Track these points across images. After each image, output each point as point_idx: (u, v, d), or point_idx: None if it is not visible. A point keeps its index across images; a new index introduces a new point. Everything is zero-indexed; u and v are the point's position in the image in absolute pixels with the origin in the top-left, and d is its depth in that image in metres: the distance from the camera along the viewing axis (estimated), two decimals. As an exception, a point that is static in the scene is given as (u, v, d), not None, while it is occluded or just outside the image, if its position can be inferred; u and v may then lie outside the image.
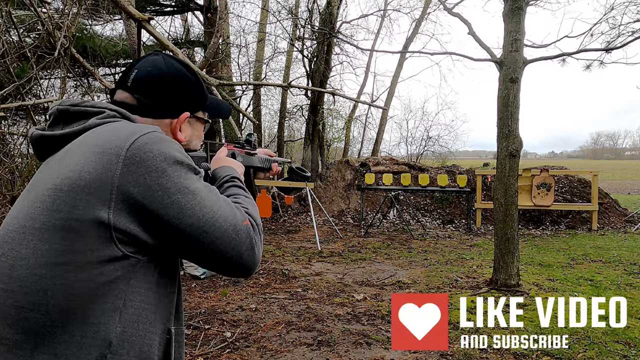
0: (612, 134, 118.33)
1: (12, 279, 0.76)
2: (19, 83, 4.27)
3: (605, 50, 5.21)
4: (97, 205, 0.76)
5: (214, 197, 0.87)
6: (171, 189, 0.80)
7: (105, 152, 0.79)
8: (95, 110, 0.90)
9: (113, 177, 0.77)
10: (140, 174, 0.78)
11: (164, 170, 0.80)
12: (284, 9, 13.59)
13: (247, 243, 0.88)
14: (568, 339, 3.50)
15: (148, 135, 0.82)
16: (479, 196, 9.71)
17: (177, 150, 0.85)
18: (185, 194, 0.81)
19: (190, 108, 1.03)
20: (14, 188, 4.72)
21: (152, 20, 2.42)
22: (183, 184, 0.82)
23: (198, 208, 0.82)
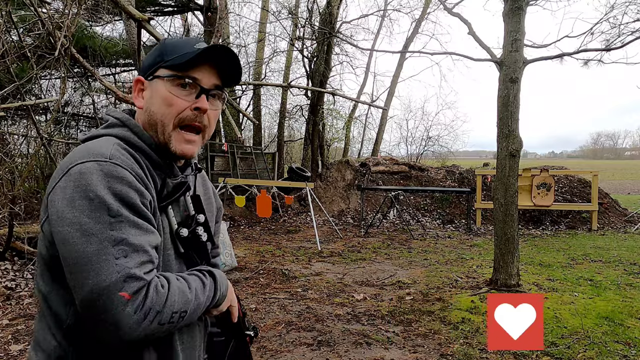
0: (612, 134, 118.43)
1: None
2: (19, 83, 4.27)
3: (605, 50, 5.21)
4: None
5: (102, 246, 0.78)
6: (65, 220, 0.80)
7: (59, 168, 0.86)
8: (107, 119, 0.99)
9: (50, 189, 0.85)
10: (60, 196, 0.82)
11: (72, 201, 0.80)
12: (284, 9, 13.60)
13: (105, 312, 0.76)
14: (568, 339, 3.50)
15: (83, 165, 0.82)
16: (479, 196, 9.71)
17: (102, 185, 0.81)
18: (66, 233, 0.79)
19: (145, 70, 1.01)
20: (14, 188, 4.72)
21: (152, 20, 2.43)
22: (77, 221, 0.79)
23: (73, 246, 0.78)
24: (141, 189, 0.87)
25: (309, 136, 13.38)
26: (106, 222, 0.79)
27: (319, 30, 12.13)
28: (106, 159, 0.83)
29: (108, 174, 0.82)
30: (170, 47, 0.98)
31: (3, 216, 5.02)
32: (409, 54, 15.92)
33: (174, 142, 0.97)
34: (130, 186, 0.84)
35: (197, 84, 0.96)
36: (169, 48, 0.98)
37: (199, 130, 0.99)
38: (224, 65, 0.99)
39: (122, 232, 0.80)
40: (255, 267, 5.93)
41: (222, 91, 1.02)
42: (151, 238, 0.85)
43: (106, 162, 0.83)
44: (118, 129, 0.96)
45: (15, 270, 5.15)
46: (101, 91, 10.21)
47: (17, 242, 5.39)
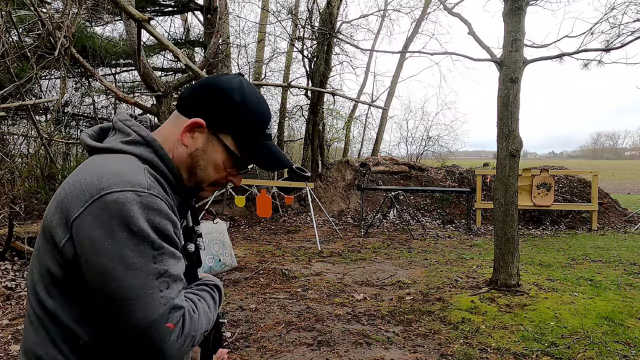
0: (612, 134, 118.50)
1: None
2: (19, 83, 4.27)
3: (605, 50, 5.21)
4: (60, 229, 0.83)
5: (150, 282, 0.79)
6: (106, 252, 0.78)
7: (83, 188, 0.81)
8: (126, 130, 0.93)
9: (76, 212, 0.80)
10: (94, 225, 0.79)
11: (113, 233, 0.78)
12: (284, 9, 13.60)
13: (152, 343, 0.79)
14: (568, 339, 3.50)
15: (122, 194, 0.79)
16: (479, 196, 9.70)
17: (143, 218, 0.79)
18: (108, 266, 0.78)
19: (212, 121, 0.93)
20: (14, 188, 4.72)
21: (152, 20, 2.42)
22: (120, 254, 0.78)
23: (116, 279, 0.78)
24: (174, 219, 0.87)
25: (309, 136, 13.38)
26: (150, 256, 0.79)
27: (319, 30, 12.13)
28: (144, 189, 0.81)
29: (147, 206, 0.81)
30: (249, 116, 0.95)
31: (3, 216, 5.02)
32: (409, 54, 15.92)
33: (198, 192, 1.01)
34: (167, 218, 0.84)
35: (246, 168, 1.01)
36: (247, 118, 0.95)
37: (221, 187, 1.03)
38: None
39: (164, 264, 0.81)
40: (255, 267, 5.93)
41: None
42: (183, 265, 0.88)
43: (145, 194, 0.81)
44: (142, 149, 0.91)
45: (15, 270, 5.15)
46: (101, 91, 10.20)
47: (17, 242, 5.39)
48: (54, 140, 7.29)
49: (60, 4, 6.07)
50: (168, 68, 11.19)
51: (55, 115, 7.88)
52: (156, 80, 5.84)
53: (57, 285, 0.84)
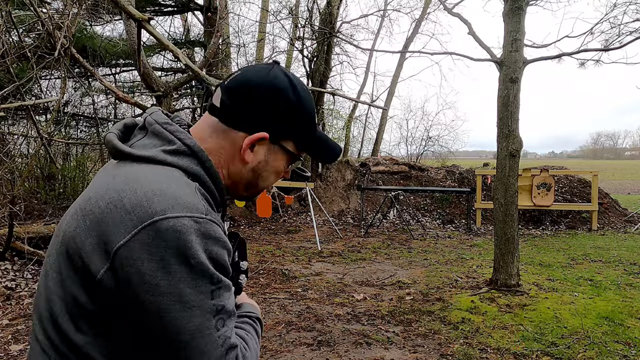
0: (612, 134, 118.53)
1: None
2: (19, 83, 4.27)
3: (605, 50, 5.21)
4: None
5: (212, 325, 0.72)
6: (159, 287, 0.68)
7: (128, 210, 0.69)
8: (169, 139, 0.80)
9: (120, 238, 0.68)
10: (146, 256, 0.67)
11: (168, 266, 0.67)
12: (284, 9, 13.61)
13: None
14: (568, 339, 3.50)
15: (178, 221, 0.68)
16: (479, 196, 9.71)
17: (201, 249, 0.70)
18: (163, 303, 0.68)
19: (274, 130, 0.85)
20: (14, 188, 4.72)
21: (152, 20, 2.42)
22: (178, 292, 0.68)
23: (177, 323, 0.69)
24: (229, 246, 0.77)
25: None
26: (208, 292, 0.71)
27: (319, 30, 12.13)
28: (202, 214, 0.71)
29: (206, 235, 0.71)
30: (304, 114, 0.87)
31: (3, 216, 5.02)
32: (409, 54, 15.93)
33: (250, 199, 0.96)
34: (224, 246, 0.74)
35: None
36: (304, 117, 0.88)
37: None
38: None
39: (221, 300, 0.73)
40: (255, 267, 5.93)
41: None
42: (234, 297, 0.81)
43: (203, 220, 0.71)
44: (188, 161, 0.79)
45: (15, 270, 5.15)
46: (101, 91, 10.20)
47: (17, 242, 5.39)
48: (54, 140, 7.29)
49: (60, 4, 6.07)
50: (168, 68, 11.19)
51: (55, 115, 7.88)
52: (156, 80, 5.84)
53: (89, 318, 0.71)
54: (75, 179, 10.49)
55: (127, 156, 0.78)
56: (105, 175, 0.77)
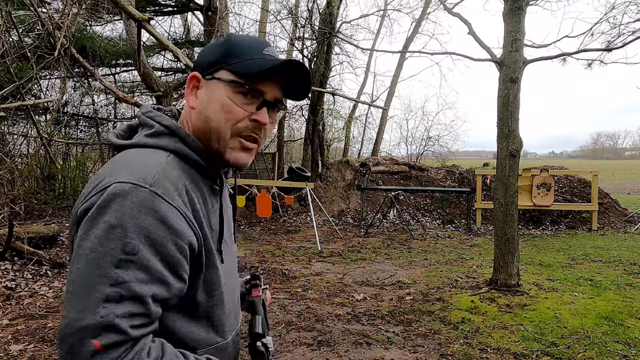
0: (612, 134, 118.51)
1: None
2: (19, 83, 4.27)
3: (606, 50, 5.21)
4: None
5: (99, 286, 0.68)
6: (83, 241, 0.71)
7: (94, 179, 0.79)
8: (149, 123, 0.88)
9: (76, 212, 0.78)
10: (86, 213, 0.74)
11: (95, 223, 0.71)
12: (284, 9, 13.61)
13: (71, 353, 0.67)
14: (568, 339, 3.50)
15: (120, 185, 0.73)
16: (479, 196, 9.70)
17: (130, 214, 0.71)
18: (78, 254, 0.71)
19: (203, 68, 0.89)
20: (14, 188, 4.73)
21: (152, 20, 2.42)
22: (90, 246, 0.70)
23: (83, 266, 0.70)
24: (181, 227, 0.76)
25: (309, 136, 13.38)
26: (115, 258, 0.69)
27: (319, 30, 12.13)
28: (147, 184, 0.74)
29: (142, 204, 0.72)
30: (237, 47, 0.88)
31: (3, 216, 5.02)
32: (409, 53, 15.92)
33: (229, 151, 0.88)
34: (164, 222, 0.74)
35: (261, 96, 0.88)
36: (235, 48, 0.88)
37: (254, 140, 0.91)
38: (292, 80, 0.91)
39: (128, 275, 0.69)
40: (255, 267, 5.93)
41: (282, 103, 0.93)
42: (159, 289, 0.73)
43: (144, 189, 0.73)
44: (167, 139, 0.85)
45: (15, 270, 5.15)
46: (101, 91, 10.21)
47: (17, 242, 5.39)
48: (54, 140, 7.29)
49: (60, 4, 6.07)
50: (168, 68, 11.19)
51: (55, 115, 7.87)
52: (156, 80, 5.84)
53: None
54: (75, 179, 10.49)
55: (120, 148, 0.86)
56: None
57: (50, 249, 6.11)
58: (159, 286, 0.73)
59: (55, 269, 5.42)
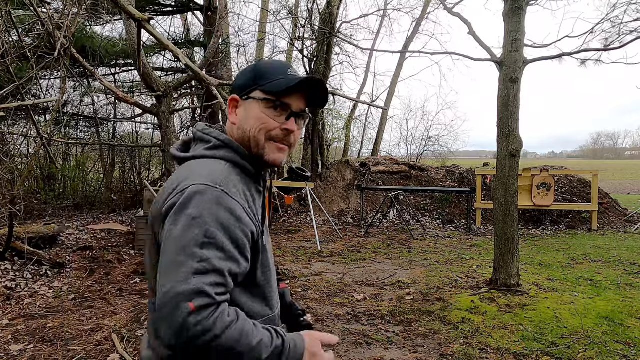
0: (612, 134, 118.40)
1: None
2: (19, 83, 4.27)
3: (605, 50, 5.21)
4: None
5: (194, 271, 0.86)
6: (172, 230, 0.91)
7: (174, 184, 0.99)
8: (206, 139, 1.09)
9: (161, 209, 0.98)
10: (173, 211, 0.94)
11: (181, 215, 0.91)
12: (284, 9, 13.60)
13: (170, 314, 0.84)
14: (568, 339, 3.50)
15: (190, 188, 0.94)
16: (479, 196, 9.70)
17: (206, 202, 0.92)
18: (170, 239, 0.90)
19: (240, 91, 1.11)
20: (14, 188, 4.72)
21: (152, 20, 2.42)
22: (179, 233, 0.90)
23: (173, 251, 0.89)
24: (245, 218, 0.96)
25: (309, 136, 13.38)
26: (199, 241, 0.88)
27: (319, 30, 12.13)
28: (216, 184, 0.94)
29: (216, 200, 0.92)
30: (264, 71, 1.09)
31: (3, 216, 5.02)
32: (409, 53, 15.92)
33: (268, 152, 1.07)
34: (233, 214, 0.93)
35: (289, 108, 1.08)
36: (263, 72, 1.09)
37: (287, 143, 1.12)
38: (314, 93, 1.12)
39: (209, 253, 0.88)
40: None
41: (306, 112, 1.14)
42: (233, 266, 0.92)
43: (215, 189, 0.93)
44: (223, 151, 1.06)
45: (15, 270, 5.15)
46: (101, 91, 10.20)
47: (17, 242, 5.39)
48: (54, 140, 7.29)
49: (60, 4, 6.07)
50: (168, 68, 11.18)
51: (55, 115, 7.87)
52: (156, 80, 5.84)
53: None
54: (75, 179, 10.49)
55: (183, 160, 1.09)
56: (172, 179, 1.04)
57: (50, 249, 6.11)
58: (232, 263, 0.92)
59: (55, 269, 5.42)
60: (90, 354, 3.25)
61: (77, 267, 5.67)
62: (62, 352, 3.28)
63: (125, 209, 9.72)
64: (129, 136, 11.87)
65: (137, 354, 3.27)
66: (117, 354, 3.24)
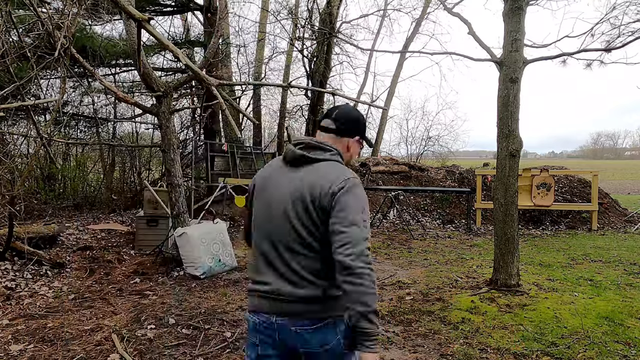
0: (612, 134, 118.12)
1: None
2: (19, 83, 4.27)
3: (605, 50, 5.21)
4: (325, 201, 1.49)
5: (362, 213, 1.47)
6: (348, 202, 1.46)
7: (339, 173, 1.52)
8: (327, 149, 1.60)
9: (329, 189, 1.48)
10: (339, 190, 1.47)
11: (349, 191, 1.48)
12: (284, 9, 13.60)
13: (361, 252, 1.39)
14: (568, 339, 3.50)
15: (350, 179, 1.50)
16: (479, 196, 9.70)
17: (361, 189, 1.53)
18: (348, 207, 1.45)
19: (360, 135, 1.73)
20: (14, 188, 4.72)
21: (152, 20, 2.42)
22: (352, 204, 1.46)
23: (354, 212, 1.45)
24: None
25: (309, 136, 13.37)
26: (365, 214, 1.47)
27: (319, 30, 12.13)
28: (357, 178, 1.55)
29: (361, 186, 1.55)
30: (364, 125, 1.77)
31: (3, 216, 5.02)
32: (409, 53, 15.93)
33: (351, 162, 1.99)
34: (366, 197, 1.55)
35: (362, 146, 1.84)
36: (363, 125, 1.76)
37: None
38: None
39: (365, 216, 1.47)
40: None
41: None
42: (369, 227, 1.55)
43: (358, 180, 1.55)
44: (339, 157, 1.62)
45: (15, 270, 5.15)
46: (101, 91, 10.20)
47: (17, 242, 5.39)
48: (54, 140, 7.28)
49: (60, 4, 6.07)
50: (168, 68, 11.18)
51: (55, 115, 7.87)
52: (156, 80, 5.84)
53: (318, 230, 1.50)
54: (75, 179, 10.49)
55: (314, 160, 1.57)
56: (308, 171, 1.55)
57: (50, 249, 6.11)
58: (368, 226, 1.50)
59: (55, 269, 5.42)
60: (90, 354, 3.25)
61: (77, 267, 5.67)
62: (62, 352, 3.28)
63: (125, 209, 9.72)
64: (129, 136, 11.87)
65: (137, 354, 3.27)
66: (117, 354, 3.24)
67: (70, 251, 6.21)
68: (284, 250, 1.50)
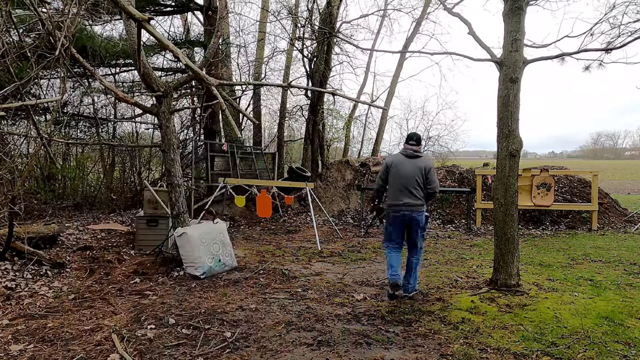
0: (612, 134, 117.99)
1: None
2: (19, 83, 4.27)
3: (605, 50, 5.21)
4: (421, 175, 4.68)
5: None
6: (431, 173, 4.64)
7: (426, 160, 4.68)
8: (420, 151, 4.66)
9: (425, 167, 4.63)
10: (429, 168, 4.64)
11: (432, 169, 4.65)
12: (284, 9, 13.60)
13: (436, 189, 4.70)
14: (568, 339, 3.50)
15: (430, 162, 4.62)
16: (479, 196, 9.71)
17: (433, 167, 4.71)
18: (432, 174, 4.65)
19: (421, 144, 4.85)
20: (14, 188, 4.72)
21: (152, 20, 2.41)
22: (434, 172, 4.68)
23: (434, 176, 4.66)
24: None
25: (309, 136, 13.38)
26: (434, 175, 4.64)
27: (319, 30, 12.13)
28: (430, 162, 4.63)
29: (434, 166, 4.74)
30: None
31: (3, 216, 5.02)
32: (409, 53, 15.93)
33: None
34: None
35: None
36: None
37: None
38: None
39: (436, 179, 4.67)
40: (255, 267, 5.93)
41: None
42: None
43: (430, 160, 4.46)
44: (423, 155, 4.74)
45: (15, 270, 5.15)
46: (101, 91, 10.20)
47: (17, 242, 5.39)
48: (54, 140, 7.28)
49: (60, 4, 6.07)
50: (168, 68, 11.18)
51: (55, 115, 7.87)
52: (156, 80, 5.84)
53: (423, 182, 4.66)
54: (75, 179, 10.49)
55: (418, 156, 4.66)
56: (417, 160, 4.65)
57: (50, 249, 6.11)
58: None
59: (55, 269, 5.42)
60: (90, 354, 3.26)
61: (77, 267, 5.67)
62: (62, 352, 3.28)
63: (125, 209, 9.72)
64: (129, 136, 11.87)
65: (137, 354, 3.27)
66: (117, 354, 3.24)
67: (70, 251, 6.21)
68: (411, 189, 4.53)
